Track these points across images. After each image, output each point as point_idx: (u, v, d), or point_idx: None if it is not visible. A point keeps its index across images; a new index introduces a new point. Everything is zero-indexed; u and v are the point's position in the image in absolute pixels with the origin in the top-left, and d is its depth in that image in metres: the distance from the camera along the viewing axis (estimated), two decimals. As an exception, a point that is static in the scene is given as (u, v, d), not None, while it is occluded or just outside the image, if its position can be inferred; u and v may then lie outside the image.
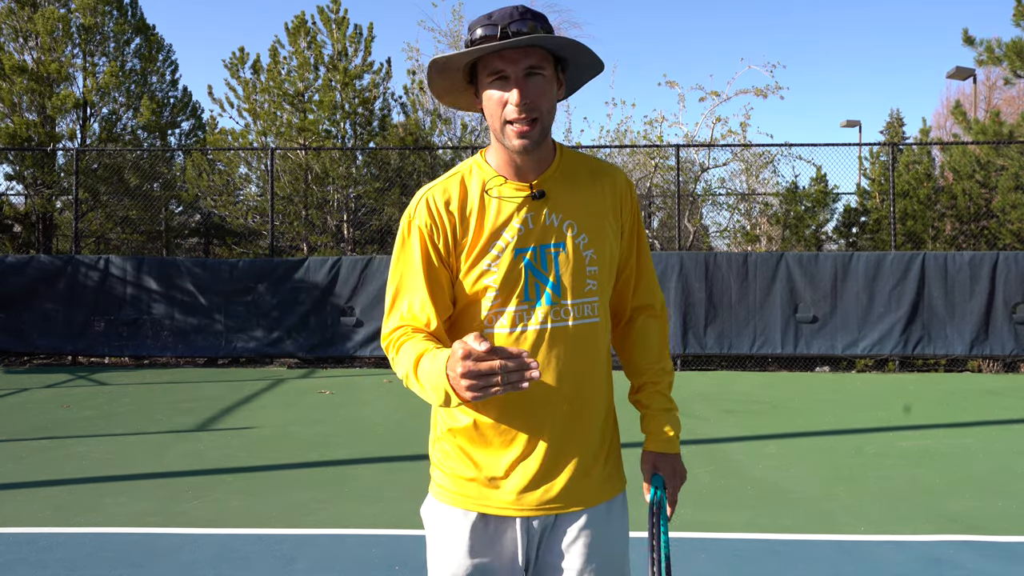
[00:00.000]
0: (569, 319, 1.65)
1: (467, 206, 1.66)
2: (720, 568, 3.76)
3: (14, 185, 14.43)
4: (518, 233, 1.64)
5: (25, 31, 13.98)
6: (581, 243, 1.67)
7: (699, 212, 15.35)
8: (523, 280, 1.63)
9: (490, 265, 1.63)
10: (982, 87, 21.92)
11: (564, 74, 1.69)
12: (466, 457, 1.68)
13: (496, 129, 1.62)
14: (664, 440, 1.77)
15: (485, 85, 1.62)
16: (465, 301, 1.66)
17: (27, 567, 3.74)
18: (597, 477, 1.71)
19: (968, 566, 3.74)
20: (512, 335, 1.64)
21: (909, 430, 7.00)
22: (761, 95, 15.56)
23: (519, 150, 1.61)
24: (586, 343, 1.67)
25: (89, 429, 6.99)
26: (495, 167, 1.69)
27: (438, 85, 1.70)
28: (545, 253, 1.65)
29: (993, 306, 10.65)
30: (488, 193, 1.67)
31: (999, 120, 12.00)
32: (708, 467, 5.63)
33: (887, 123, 29.67)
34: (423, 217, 1.66)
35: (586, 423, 1.69)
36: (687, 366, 11.17)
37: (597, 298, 1.68)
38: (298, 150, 13.57)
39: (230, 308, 11.37)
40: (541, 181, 1.68)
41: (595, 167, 1.77)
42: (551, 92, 1.63)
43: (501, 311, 1.64)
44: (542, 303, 1.64)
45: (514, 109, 1.57)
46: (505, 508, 1.66)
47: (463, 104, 1.77)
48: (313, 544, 4.09)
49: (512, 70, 1.57)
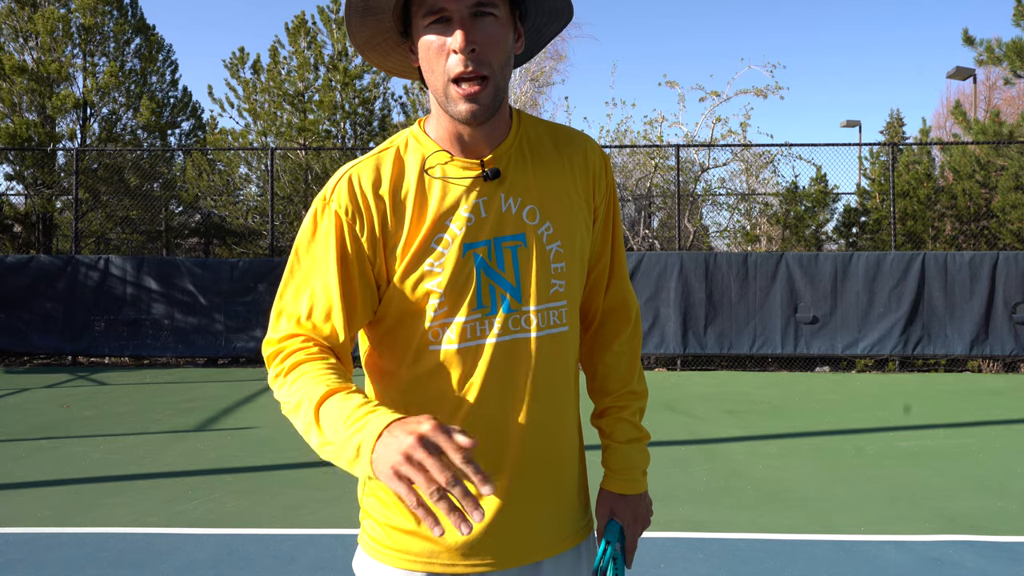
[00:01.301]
0: (532, 329, 1.32)
1: (402, 189, 1.32)
2: (720, 568, 3.76)
3: (14, 185, 14.44)
4: (467, 224, 1.30)
5: (25, 31, 13.98)
6: (545, 234, 1.35)
7: (699, 212, 15.34)
8: (475, 283, 1.30)
9: (433, 265, 1.29)
10: (982, 87, 21.93)
11: (523, 23, 1.36)
12: (402, 506, 1.34)
13: (437, 89, 1.28)
14: (627, 479, 1.48)
15: (421, 30, 1.27)
16: (402, 311, 1.31)
17: (27, 567, 3.74)
18: (566, 519, 1.42)
19: (968, 566, 3.74)
20: (462, 352, 1.30)
21: (909, 430, 7.00)
22: (761, 95, 15.56)
23: (466, 117, 1.26)
24: (553, 358, 1.35)
25: (89, 429, 6.99)
26: (437, 140, 1.35)
27: (360, 33, 1.33)
28: (501, 248, 1.32)
29: (993, 306, 10.65)
30: (428, 173, 1.32)
31: (999, 120, 12.01)
32: (708, 467, 5.63)
33: (887, 123, 29.66)
34: (342, 200, 1.30)
35: (552, 454, 1.39)
36: (687, 366, 11.17)
37: (565, 302, 1.36)
38: (298, 150, 13.57)
39: (230, 308, 11.37)
40: (495, 157, 1.34)
41: (561, 136, 1.43)
42: (506, 41, 1.28)
43: (448, 322, 1.30)
44: (499, 311, 1.31)
45: (459, 60, 1.23)
46: (456, 565, 1.34)
47: (394, 63, 1.41)
48: (313, 544, 4.09)
49: (455, 7, 1.23)
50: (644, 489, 1.51)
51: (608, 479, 1.50)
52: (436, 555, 1.34)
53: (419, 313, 1.31)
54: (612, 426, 1.49)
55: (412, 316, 1.31)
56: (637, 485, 1.49)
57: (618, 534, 1.48)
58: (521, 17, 1.34)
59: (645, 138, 16.04)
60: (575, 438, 1.45)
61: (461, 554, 1.34)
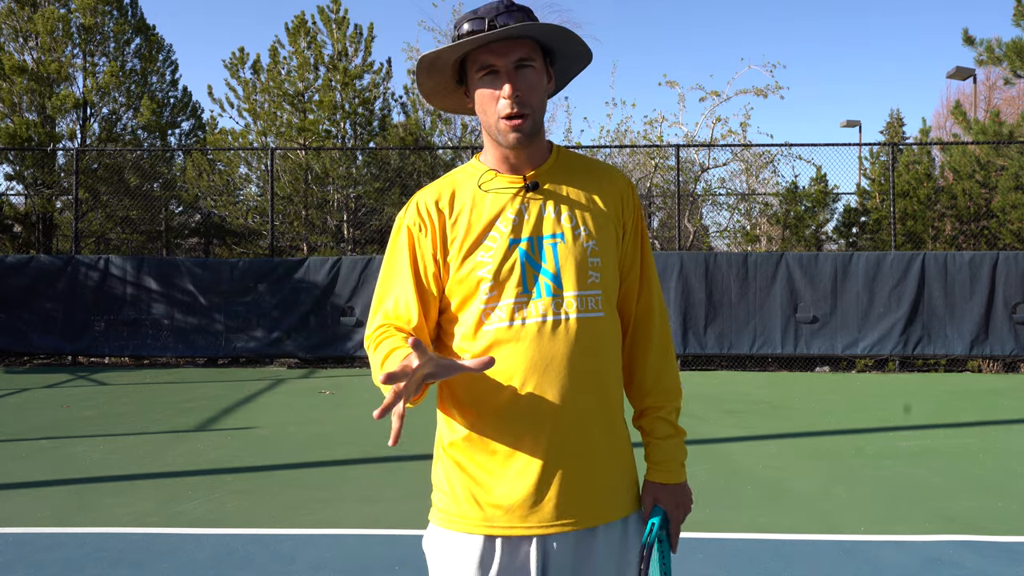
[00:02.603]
0: (572, 311, 1.55)
1: (459, 202, 1.62)
2: (720, 568, 3.76)
3: (14, 185, 14.45)
4: (512, 223, 1.58)
5: (25, 31, 13.98)
6: (581, 234, 1.60)
7: (699, 212, 15.34)
8: (519, 271, 1.56)
9: (483, 256, 1.57)
10: (982, 87, 21.93)
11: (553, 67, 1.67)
12: (465, 475, 1.57)
13: (489, 126, 1.59)
14: (667, 470, 1.65)
15: (475, 83, 1.59)
16: (461, 296, 1.59)
17: (27, 567, 3.74)
18: (612, 488, 1.60)
19: (968, 566, 3.74)
20: (511, 329, 1.54)
21: (909, 430, 7.00)
22: (761, 95, 15.57)
23: (513, 143, 1.57)
24: (591, 338, 1.56)
25: (89, 429, 6.99)
26: (488, 165, 1.66)
27: (426, 84, 1.67)
28: (543, 244, 1.58)
29: (993, 306, 10.65)
30: (481, 188, 1.63)
31: (999, 120, 12.01)
32: (708, 467, 5.64)
33: (887, 123, 29.65)
34: (412, 216, 1.63)
35: (595, 426, 1.57)
36: (687, 366, 11.17)
37: (601, 292, 1.59)
38: (298, 150, 13.57)
39: (230, 308, 11.38)
40: (536, 174, 1.63)
41: (592, 167, 1.71)
42: (542, 85, 1.60)
43: (496, 304, 1.55)
44: (541, 295, 1.55)
45: (507, 104, 1.54)
46: (513, 528, 1.53)
47: (452, 104, 1.74)
48: (313, 544, 4.09)
49: (501, 63, 1.55)
50: (683, 479, 1.68)
51: (651, 471, 1.67)
52: (494, 519, 1.54)
53: (474, 297, 1.57)
54: (651, 424, 1.68)
55: (469, 300, 1.57)
56: (677, 475, 1.66)
57: (662, 518, 1.63)
58: (551, 62, 1.65)
59: (645, 138, 16.05)
60: (617, 415, 1.63)
61: (518, 516, 1.53)
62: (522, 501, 1.53)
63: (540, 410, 1.53)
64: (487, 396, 1.56)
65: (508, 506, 1.53)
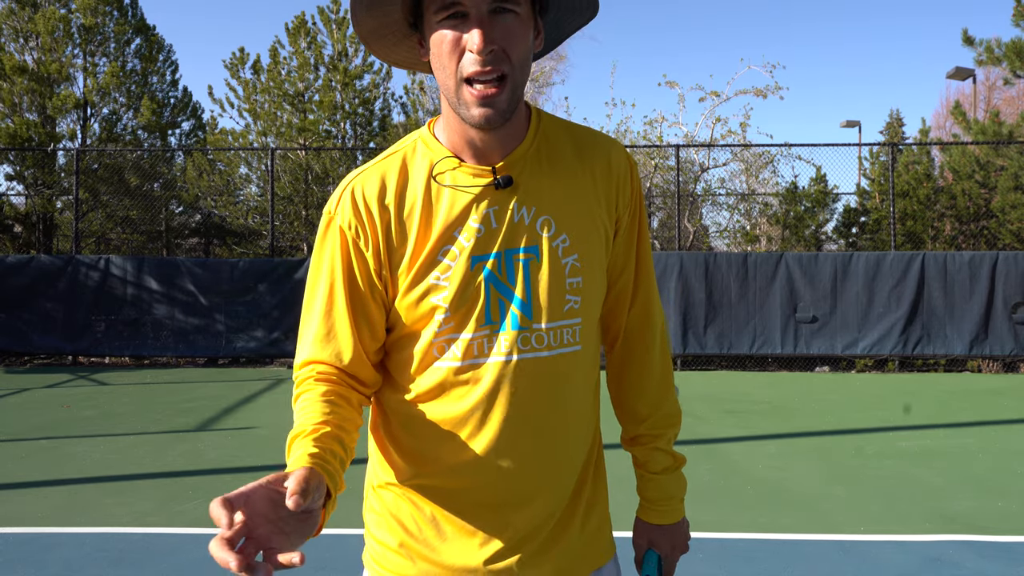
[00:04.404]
0: (542, 348, 1.23)
1: (407, 198, 1.23)
2: (720, 568, 3.76)
3: (14, 185, 14.45)
4: (476, 235, 1.21)
5: (25, 31, 13.99)
6: (560, 246, 1.24)
7: (699, 212, 15.35)
8: (483, 297, 1.21)
9: (439, 279, 1.21)
10: (982, 87, 21.93)
11: (543, 18, 1.26)
12: (399, 526, 1.31)
13: (449, 89, 1.18)
14: (665, 510, 1.41)
15: (434, 25, 1.17)
16: (407, 325, 1.24)
17: (27, 567, 3.74)
18: (576, 541, 1.32)
19: (968, 566, 3.74)
20: (465, 370, 1.22)
21: (909, 430, 7.00)
22: (761, 95, 15.57)
23: (479, 122, 1.17)
24: (564, 379, 1.26)
25: (89, 429, 6.99)
26: (447, 144, 1.25)
27: (366, 23, 1.23)
28: (512, 260, 1.22)
29: (993, 306, 10.65)
30: (437, 180, 1.23)
31: (999, 120, 12.01)
32: (708, 467, 5.64)
33: (887, 123, 29.64)
34: (346, 214, 1.23)
35: (561, 485, 1.29)
36: (687, 366, 11.17)
37: (580, 319, 1.26)
38: (298, 150, 13.58)
39: (230, 308, 11.37)
40: (508, 163, 1.24)
41: (583, 139, 1.31)
42: (526, 39, 1.18)
43: (454, 338, 1.22)
44: (507, 327, 1.22)
45: (475, 59, 1.13)
46: None
47: (401, 56, 1.31)
48: (313, 544, 4.07)
49: (472, 2, 1.13)
50: (682, 516, 1.44)
51: (644, 509, 1.43)
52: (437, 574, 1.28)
53: (424, 328, 1.23)
54: (647, 456, 1.41)
55: (417, 331, 1.24)
56: (675, 514, 1.42)
57: (656, 565, 1.42)
58: (541, 11, 1.24)
59: (645, 138, 16.05)
60: (590, 464, 1.35)
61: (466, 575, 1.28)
62: (469, 565, 1.27)
63: (496, 466, 1.24)
64: (433, 445, 1.27)
65: (454, 568, 1.27)
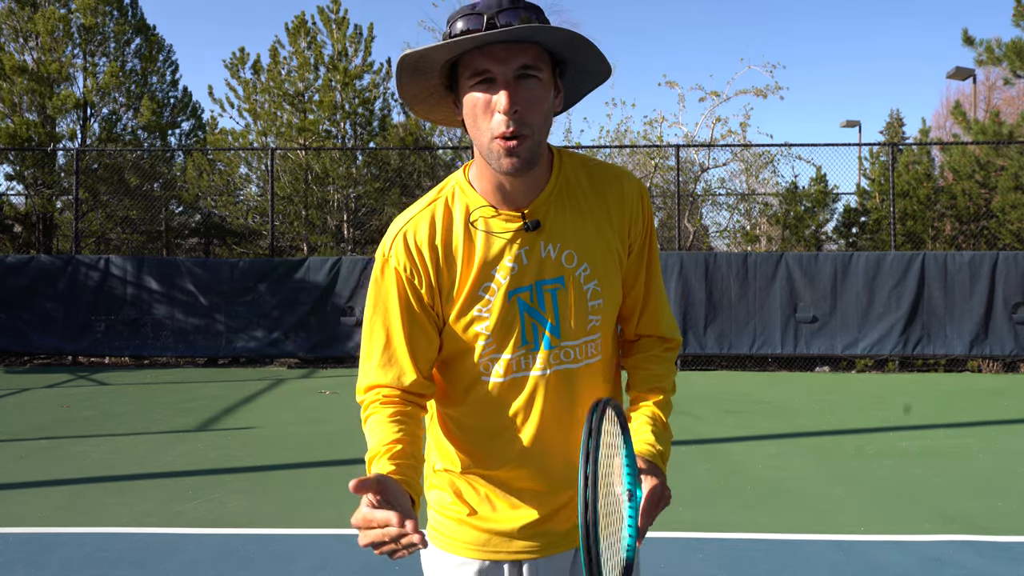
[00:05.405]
0: (569, 361, 1.48)
1: (451, 241, 1.44)
2: (720, 568, 3.76)
3: (14, 185, 14.44)
4: (511, 273, 1.43)
5: (25, 31, 13.98)
6: (582, 275, 1.47)
7: (699, 212, 15.35)
8: (519, 325, 1.45)
9: (481, 311, 1.44)
10: (982, 87, 21.92)
11: (562, 79, 1.42)
12: (459, 501, 1.57)
13: (481, 144, 1.36)
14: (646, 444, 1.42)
15: (467, 88, 1.34)
16: (456, 349, 1.49)
17: (27, 567, 3.74)
18: None
19: (968, 566, 3.75)
20: (507, 383, 1.48)
21: (909, 430, 7.00)
22: (761, 95, 15.56)
23: (508, 170, 1.35)
24: (587, 384, 1.51)
25: (89, 429, 6.99)
26: (480, 192, 1.45)
27: (409, 90, 1.42)
28: (543, 291, 1.45)
29: (993, 306, 10.65)
30: (474, 226, 1.44)
31: (999, 120, 12.01)
32: (708, 467, 5.64)
33: (887, 123, 29.69)
34: (400, 258, 1.44)
35: None
36: (687, 366, 11.17)
37: (599, 334, 1.50)
38: (298, 150, 13.57)
39: (230, 308, 11.37)
40: (534, 209, 1.44)
41: (599, 174, 1.51)
42: (547, 101, 1.35)
43: (496, 357, 1.47)
44: (540, 347, 1.46)
45: (502, 121, 1.30)
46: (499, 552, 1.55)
47: (439, 115, 1.50)
48: (313, 544, 4.09)
49: (500, 70, 1.30)
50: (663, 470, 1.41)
51: None
52: (488, 543, 1.53)
53: (470, 350, 1.47)
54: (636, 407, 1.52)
55: (464, 352, 1.48)
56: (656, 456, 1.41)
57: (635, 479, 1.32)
58: (561, 73, 1.41)
59: (645, 138, 16.05)
60: None
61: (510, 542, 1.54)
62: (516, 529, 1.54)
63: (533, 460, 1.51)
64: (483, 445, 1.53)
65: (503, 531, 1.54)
